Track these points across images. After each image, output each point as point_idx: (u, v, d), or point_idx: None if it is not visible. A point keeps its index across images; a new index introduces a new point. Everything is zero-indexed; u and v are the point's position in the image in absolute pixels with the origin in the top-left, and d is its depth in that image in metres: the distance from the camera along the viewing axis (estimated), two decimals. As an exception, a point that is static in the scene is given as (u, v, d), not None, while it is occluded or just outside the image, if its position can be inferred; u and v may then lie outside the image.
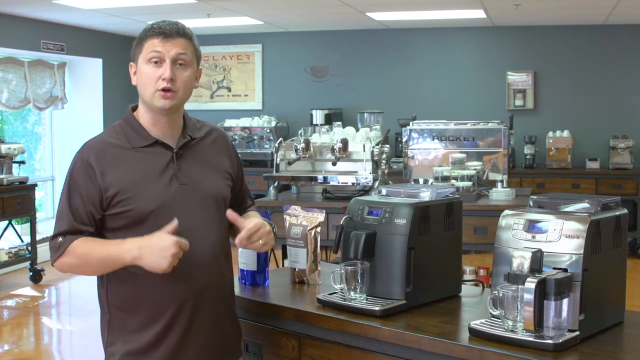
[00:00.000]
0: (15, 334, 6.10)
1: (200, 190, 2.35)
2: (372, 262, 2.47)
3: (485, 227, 5.14)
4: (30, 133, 9.76)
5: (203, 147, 2.43)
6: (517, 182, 8.66)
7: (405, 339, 2.23)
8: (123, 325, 2.31)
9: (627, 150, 8.81)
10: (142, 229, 2.23)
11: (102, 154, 2.28)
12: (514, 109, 9.34)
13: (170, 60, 2.27)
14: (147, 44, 2.29)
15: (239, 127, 9.67)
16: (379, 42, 9.88)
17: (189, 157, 2.37)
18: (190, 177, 2.34)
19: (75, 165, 2.30)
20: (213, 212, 2.38)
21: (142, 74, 2.30)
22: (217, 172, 2.44)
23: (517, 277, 2.07)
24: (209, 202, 2.37)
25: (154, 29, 2.30)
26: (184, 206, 2.30)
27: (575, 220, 2.13)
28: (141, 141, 2.33)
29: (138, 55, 2.32)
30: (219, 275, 2.39)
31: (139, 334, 2.29)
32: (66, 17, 8.60)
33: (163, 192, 2.28)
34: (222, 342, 2.41)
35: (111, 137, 2.34)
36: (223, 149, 2.51)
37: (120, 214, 2.26)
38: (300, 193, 5.78)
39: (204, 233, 2.34)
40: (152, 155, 2.32)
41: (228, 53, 10.50)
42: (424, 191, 2.61)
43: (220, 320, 2.41)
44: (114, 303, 2.32)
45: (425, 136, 5.85)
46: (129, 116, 2.38)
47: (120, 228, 2.27)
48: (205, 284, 2.33)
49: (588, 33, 9.24)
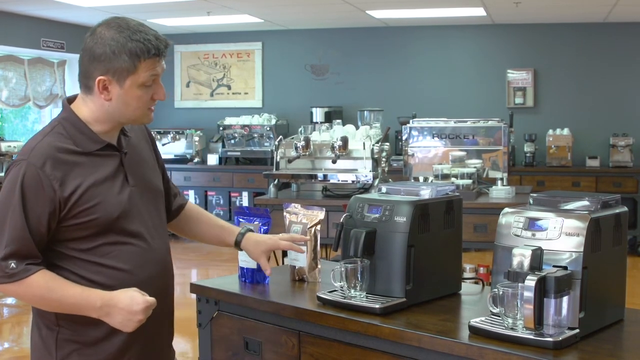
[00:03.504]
0: (15, 332, 6.10)
1: (147, 189, 2.25)
2: (372, 260, 2.47)
3: (485, 225, 5.14)
4: (30, 131, 9.77)
5: (135, 143, 2.28)
6: (517, 180, 8.66)
7: (405, 337, 2.22)
8: (76, 340, 2.12)
9: (627, 148, 8.80)
10: (107, 237, 2.11)
11: (56, 161, 2.04)
12: (514, 106, 9.33)
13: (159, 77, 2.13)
14: (144, 65, 2.06)
15: (239, 125, 9.67)
16: (379, 40, 9.88)
17: (130, 156, 2.22)
18: (136, 178, 2.21)
19: (26, 174, 2.01)
20: (161, 209, 2.33)
21: (132, 97, 2.08)
22: (151, 166, 2.34)
23: (517, 275, 2.07)
24: (156, 200, 2.30)
25: (151, 49, 2.06)
26: (140, 208, 2.19)
27: (575, 218, 2.13)
28: (91, 145, 2.12)
29: (125, 76, 2.05)
30: (172, 271, 2.34)
31: (98, 347, 2.13)
32: (66, 15, 8.60)
33: (120, 197, 2.13)
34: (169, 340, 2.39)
35: (58, 140, 2.08)
36: (147, 140, 2.37)
37: (81, 224, 2.06)
38: (300, 191, 5.78)
39: (161, 232, 2.28)
40: (103, 159, 2.14)
41: (228, 51, 10.49)
42: (424, 189, 2.61)
43: (170, 317, 2.37)
44: (63, 315, 2.10)
45: (425, 134, 5.85)
46: (71, 116, 2.13)
47: (79, 239, 2.08)
48: (165, 283, 2.28)
49: (588, 31, 9.23)
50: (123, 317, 2.04)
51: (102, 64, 2.05)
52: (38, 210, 2.02)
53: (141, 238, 2.18)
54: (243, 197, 9.78)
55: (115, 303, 2.03)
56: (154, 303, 2.06)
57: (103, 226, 2.09)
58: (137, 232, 2.17)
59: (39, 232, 2.03)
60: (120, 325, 2.05)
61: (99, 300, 2.04)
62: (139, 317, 2.03)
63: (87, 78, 2.10)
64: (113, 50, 2.04)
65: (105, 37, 2.05)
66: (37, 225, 2.02)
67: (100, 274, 2.10)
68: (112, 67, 2.05)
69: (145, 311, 2.04)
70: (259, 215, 2.84)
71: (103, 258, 2.11)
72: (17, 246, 2.01)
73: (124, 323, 2.04)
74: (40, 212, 2.02)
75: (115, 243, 2.12)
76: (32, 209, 2.01)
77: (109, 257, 2.12)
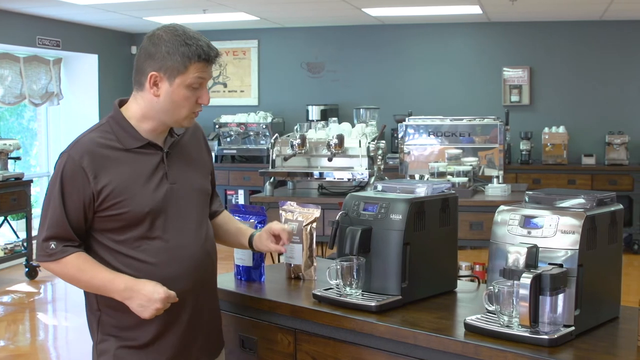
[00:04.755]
0: (11, 330, 6.09)
1: (189, 189, 2.35)
2: (368, 258, 2.47)
3: (481, 223, 5.15)
4: (26, 129, 9.75)
5: (185, 144, 2.41)
6: (513, 177, 8.66)
7: (401, 335, 2.23)
8: (116, 324, 2.28)
9: (622, 146, 8.81)
10: (137, 231, 2.23)
11: (94, 155, 2.21)
12: (509, 104, 9.33)
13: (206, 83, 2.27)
14: (193, 67, 2.20)
15: (235, 123, 9.66)
16: (374, 38, 9.88)
17: (176, 155, 2.35)
18: (178, 176, 2.33)
19: (66, 166, 2.21)
20: (201, 209, 2.41)
21: (180, 97, 2.22)
22: (201, 168, 2.45)
23: (512, 272, 2.07)
24: (197, 200, 2.39)
25: (202, 54, 2.22)
26: (176, 206, 2.30)
27: (571, 215, 2.13)
28: (133, 142, 2.27)
29: (175, 75, 2.20)
30: (211, 270, 2.41)
31: (136, 331, 2.26)
32: (62, 13, 8.58)
33: (155, 193, 2.25)
34: (212, 335, 2.44)
35: (101, 137, 2.25)
36: (202, 143, 2.50)
37: (113, 217, 2.21)
38: (296, 189, 5.78)
39: (196, 230, 2.35)
40: (144, 156, 2.28)
41: (224, 49, 10.48)
42: (419, 187, 2.61)
43: (213, 314, 2.45)
44: (104, 300, 2.27)
45: (421, 132, 5.85)
46: (117, 115, 2.29)
47: (113, 230, 2.24)
48: (201, 280, 2.35)
49: (584, 29, 9.24)
50: (142, 302, 2.17)
51: (155, 62, 2.21)
52: (74, 199, 2.20)
53: (172, 234, 2.27)
54: (239, 195, 9.79)
55: (138, 289, 2.18)
56: (174, 297, 2.19)
57: (133, 219, 2.22)
58: (168, 228, 2.27)
59: (75, 219, 2.21)
60: (138, 309, 2.18)
61: (123, 283, 2.19)
62: (156, 305, 2.16)
63: (140, 74, 2.25)
64: (168, 50, 2.19)
65: (162, 38, 2.21)
66: (73, 212, 2.20)
67: (129, 266, 2.23)
68: (164, 65, 2.20)
69: (164, 301, 2.17)
70: (254, 213, 2.84)
71: (133, 250, 2.24)
72: (56, 230, 2.21)
73: (142, 308, 2.18)
74: (76, 201, 2.20)
75: (145, 237, 2.25)
76: (69, 198, 2.20)
77: (138, 250, 2.24)
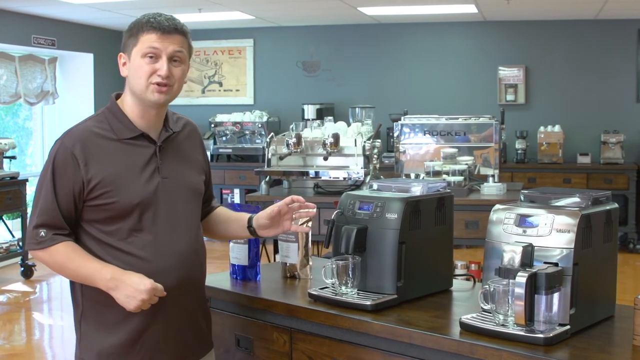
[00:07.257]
0: (7, 330, 6.08)
1: (180, 185, 2.35)
2: (364, 257, 2.47)
3: (476, 222, 5.15)
4: (21, 128, 9.73)
5: (180, 141, 2.41)
6: (509, 176, 8.67)
7: (396, 334, 2.23)
8: (97, 319, 2.27)
9: (618, 145, 8.83)
10: (125, 223, 2.23)
11: (86, 143, 2.22)
12: (505, 103, 9.34)
13: (166, 57, 2.25)
14: (144, 38, 2.24)
15: (231, 122, 9.65)
16: (370, 37, 9.88)
17: (169, 150, 2.35)
18: (171, 171, 2.33)
19: (58, 153, 2.23)
20: (192, 206, 2.40)
21: (135, 67, 2.25)
22: (195, 167, 2.45)
23: (508, 271, 2.08)
24: (189, 196, 2.38)
25: (152, 24, 2.25)
26: (167, 201, 2.29)
27: (566, 214, 2.13)
28: (127, 132, 2.28)
29: (132, 48, 2.26)
30: (197, 268, 2.39)
31: (116, 329, 2.24)
32: (57, 12, 8.57)
33: (146, 186, 2.26)
34: (197, 335, 2.41)
35: (96, 126, 2.27)
36: (197, 144, 2.50)
37: (101, 206, 2.21)
38: (291, 188, 5.78)
39: (185, 226, 2.34)
40: (136, 147, 2.28)
41: (219, 48, 10.48)
42: (415, 186, 2.61)
43: (196, 313, 2.40)
44: (88, 294, 2.26)
45: (417, 131, 5.85)
46: (113, 106, 2.32)
47: (101, 220, 2.23)
48: (187, 278, 2.32)
49: (579, 28, 9.26)
50: (128, 292, 2.15)
51: (122, 45, 2.31)
52: (65, 186, 2.21)
53: (161, 229, 2.26)
54: (235, 194, 9.78)
55: (125, 279, 2.16)
56: (161, 290, 2.17)
57: (121, 211, 2.22)
58: (157, 222, 2.26)
59: (66, 207, 2.21)
60: (124, 300, 2.16)
61: (110, 273, 2.17)
62: (142, 296, 2.14)
63: None
64: (129, 31, 2.29)
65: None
66: (64, 200, 2.21)
67: (116, 258, 2.22)
68: (125, 43, 2.29)
69: (150, 293, 2.14)
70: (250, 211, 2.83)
71: (121, 242, 2.23)
72: (46, 217, 2.21)
73: (127, 299, 2.15)
74: (67, 188, 2.20)
75: (133, 230, 2.24)
76: (60, 186, 2.21)
77: (126, 242, 2.23)
